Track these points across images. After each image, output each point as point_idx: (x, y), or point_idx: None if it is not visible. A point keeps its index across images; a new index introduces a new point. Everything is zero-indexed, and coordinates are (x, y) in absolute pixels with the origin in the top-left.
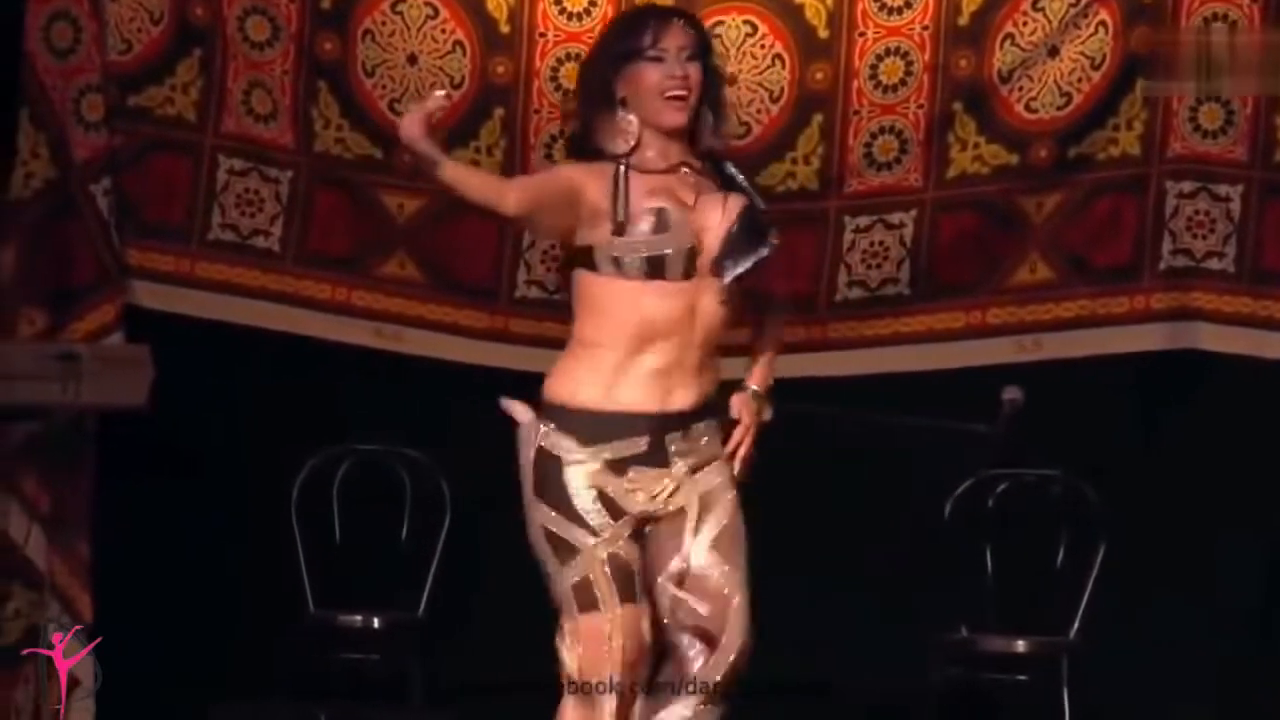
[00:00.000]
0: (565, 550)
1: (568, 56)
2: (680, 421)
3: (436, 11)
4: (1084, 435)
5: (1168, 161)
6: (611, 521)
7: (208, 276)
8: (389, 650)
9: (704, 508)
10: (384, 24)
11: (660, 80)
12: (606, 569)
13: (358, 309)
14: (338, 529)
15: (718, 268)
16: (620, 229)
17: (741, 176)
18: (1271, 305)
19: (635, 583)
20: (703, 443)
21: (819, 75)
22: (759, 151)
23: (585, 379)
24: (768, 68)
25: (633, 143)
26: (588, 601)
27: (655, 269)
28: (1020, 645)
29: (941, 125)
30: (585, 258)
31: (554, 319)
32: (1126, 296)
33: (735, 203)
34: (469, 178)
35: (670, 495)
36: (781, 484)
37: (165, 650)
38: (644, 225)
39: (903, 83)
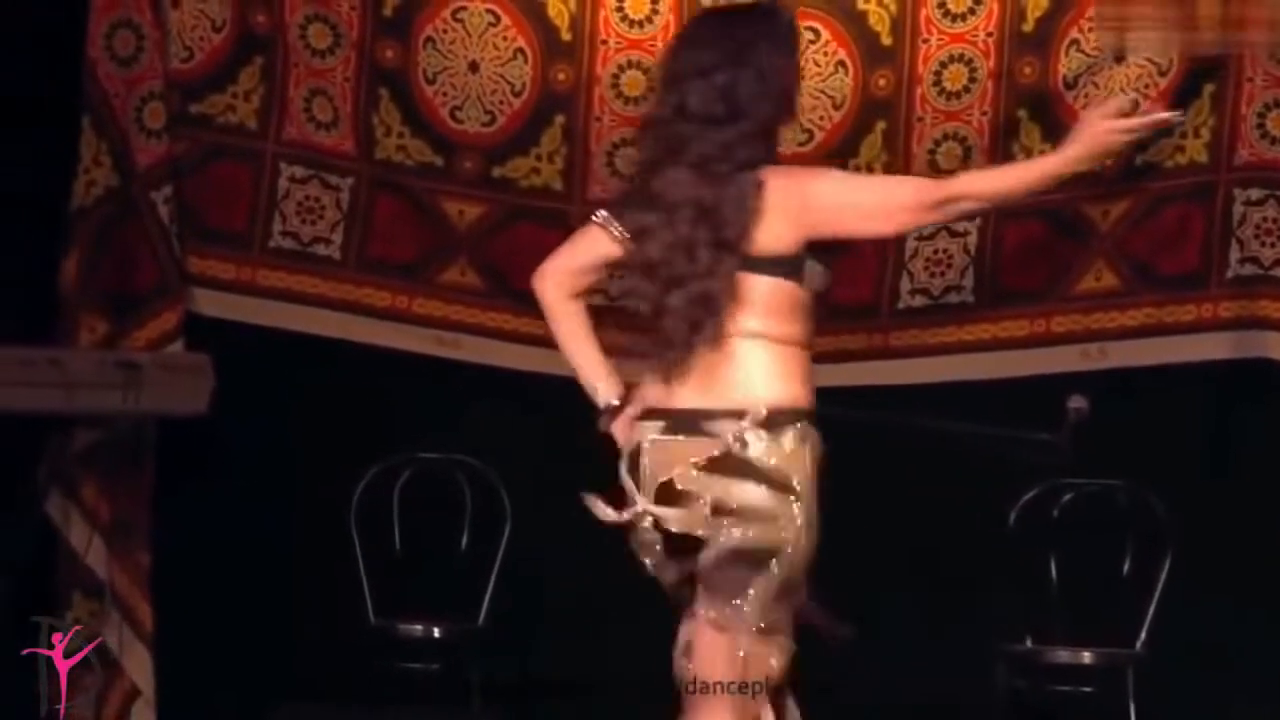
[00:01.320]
0: None
1: (629, 64)
2: None
3: (498, 19)
4: (1151, 444)
5: (1235, 169)
6: None
7: (268, 284)
8: (449, 659)
9: None
10: (445, 31)
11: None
12: None
13: (418, 316)
14: (398, 537)
15: None
16: None
17: None
18: None
19: None
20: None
21: (882, 81)
22: (822, 158)
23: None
24: (831, 74)
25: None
26: None
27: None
28: (1086, 656)
29: (1006, 132)
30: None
31: (610, 326)
32: (1194, 304)
33: None
34: None
35: None
36: (847, 491)
37: (225, 659)
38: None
39: (966, 89)
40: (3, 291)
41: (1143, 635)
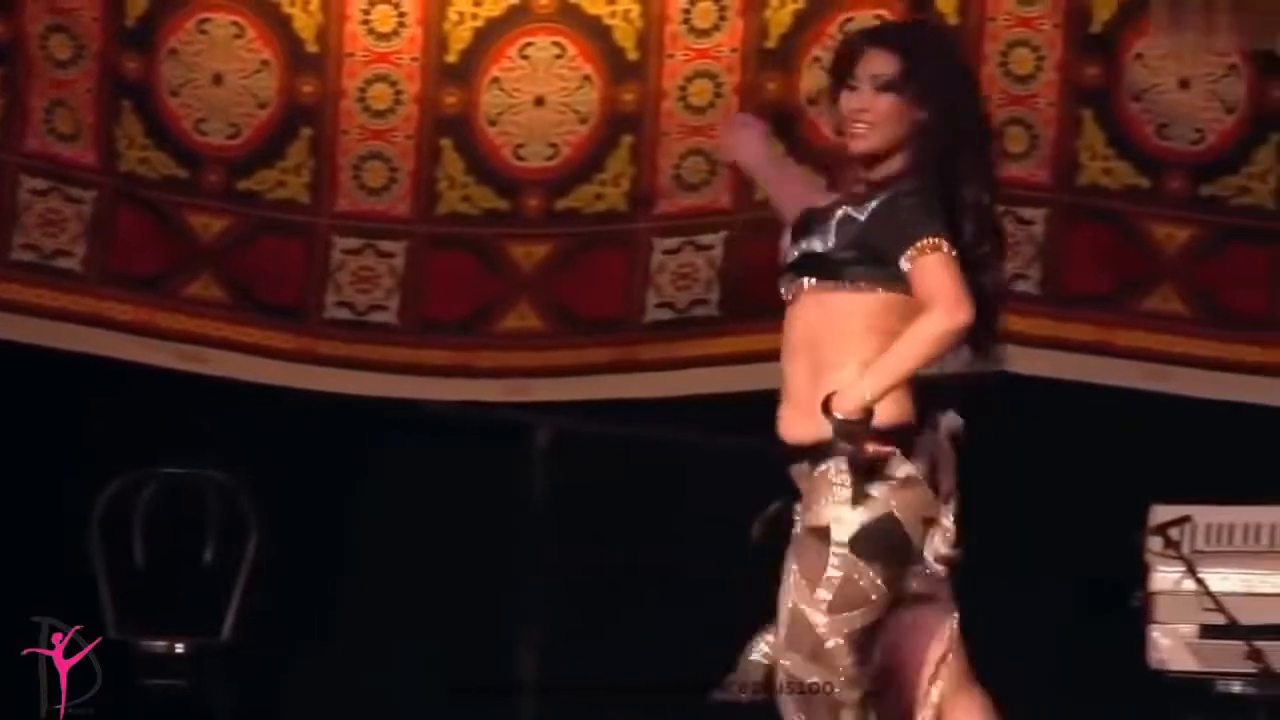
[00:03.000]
0: None
1: (376, 77)
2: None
3: (242, 31)
4: None
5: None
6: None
7: (7, 298)
8: (194, 675)
9: None
10: (189, 43)
11: (848, 108)
12: None
13: (162, 330)
14: (140, 552)
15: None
16: None
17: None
18: (1074, 327)
19: None
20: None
21: (629, 96)
22: (570, 173)
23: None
24: (577, 89)
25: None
26: None
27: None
28: None
29: None
30: None
31: (363, 341)
32: None
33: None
34: None
35: None
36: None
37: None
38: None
39: (711, 104)
40: None
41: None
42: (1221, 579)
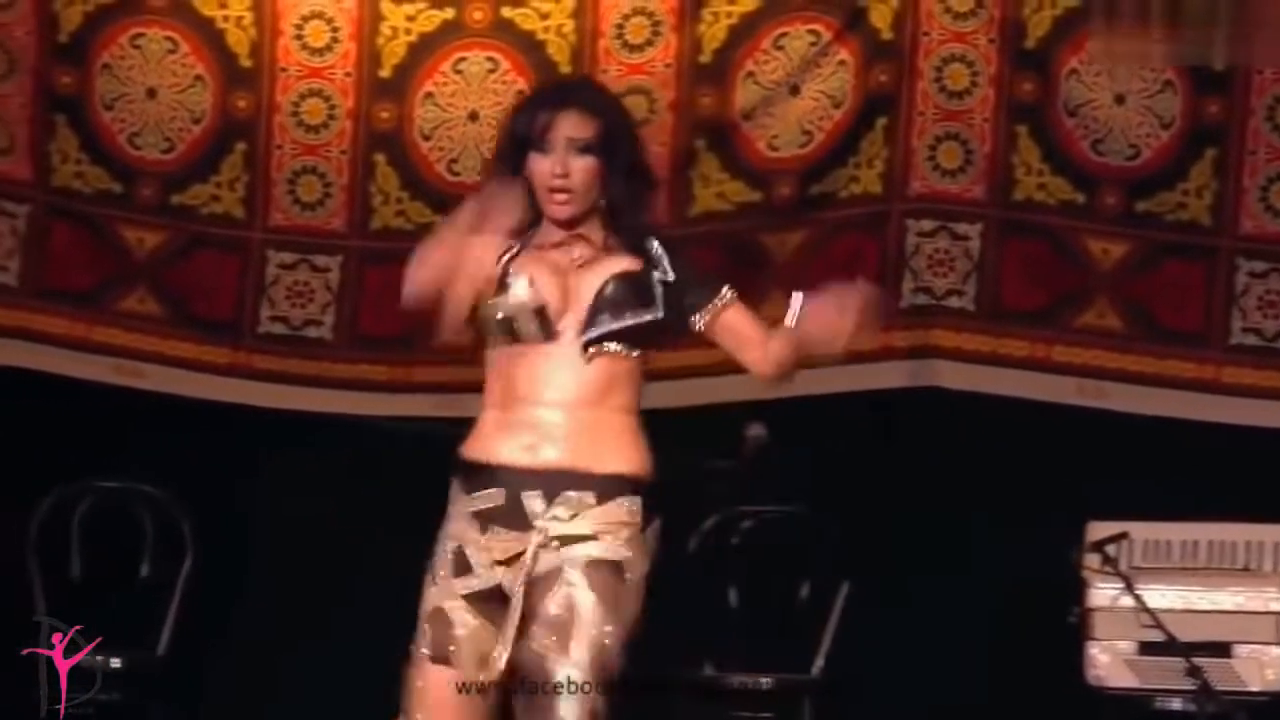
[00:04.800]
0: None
1: (310, 92)
2: (546, 481)
3: (176, 45)
4: (827, 471)
5: (908, 200)
6: (453, 576)
7: None
8: (128, 690)
9: (545, 582)
10: (123, 58)
11: (544, 174)
12: (427, 622)
13: (97, 344)
14: (76, 566)
15: (583, 330)
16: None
17: (659, 248)
18: (1010, 343)
19: (455, 645)
20: (576, 516)
21: None
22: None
23: (474, 434)
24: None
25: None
26: (414, 645)
27: (505, 329)
28: (764, 683)
29: (685, 163)
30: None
31: (298, 355)
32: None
33: (621, 266)
34: None
35: (520, 560)
36: None
37: None
38: (505, 289)
39: (646, 120)
40: None
41: (820, 661)
42: (1159, 595)
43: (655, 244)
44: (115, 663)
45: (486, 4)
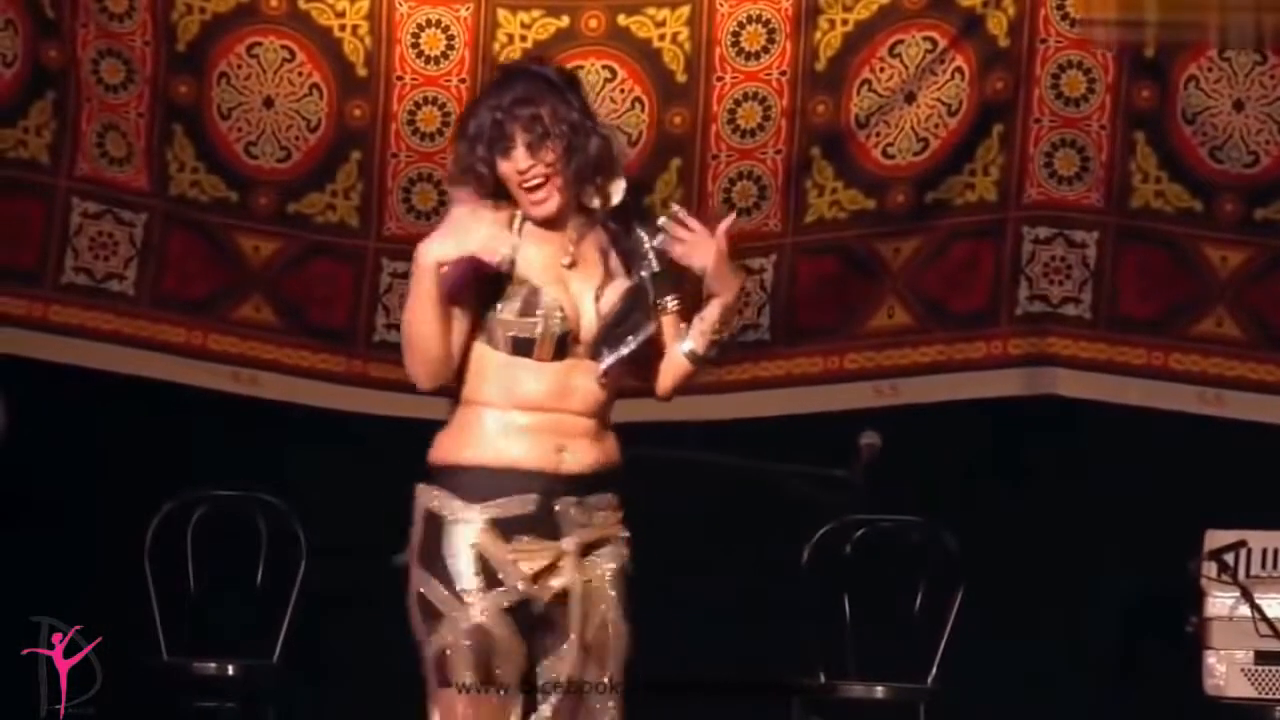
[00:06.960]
0: (433, 616)
1: (425, 100)
2: (574, 487)
3: (293, 54)
4: (942, 480)
5: (1023, 207)
6: (485, 590)
7: (61, 321)
8: (245, 697)
9: (587, 601)
10: (239, 67)
11: (512, 175)
12: (467, 642)
13: (214, 353)
14: (192, 575)
15: (594, 353)
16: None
17: (642, 235)
18: (1127, 351)
19: (500, 666)
20: (598, 517)
21: (678, 119)
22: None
23: (472, 437)
24: (627, 111)
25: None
26: (444, 677)
27: (522, 349)
28: (879, 692)
29: (799, 170)
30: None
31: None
32: (983, 341)
33: (618, 284)
34: None
35: (552, 573)
36: (644, 526)
37: (19, 698)
38: (515, 303)
39: (760, 127)
40: None
41: (934, 671)
42: (1277, 605)
43: (644, 239)
44: (231, 670)
45: (602, 12)
